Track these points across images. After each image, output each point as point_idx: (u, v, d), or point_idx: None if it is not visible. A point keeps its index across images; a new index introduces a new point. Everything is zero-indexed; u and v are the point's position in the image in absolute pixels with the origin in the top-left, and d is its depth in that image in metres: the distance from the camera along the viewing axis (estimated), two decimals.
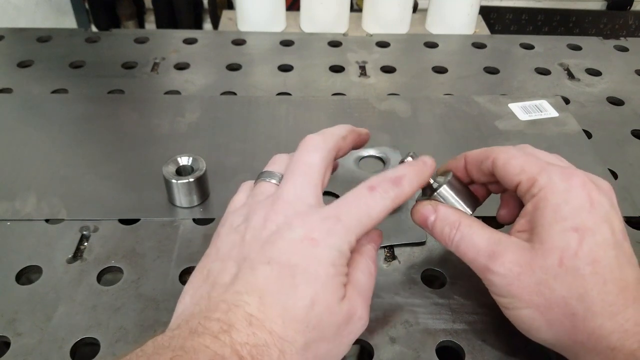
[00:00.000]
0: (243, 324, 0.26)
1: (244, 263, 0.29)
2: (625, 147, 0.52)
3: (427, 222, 0.34)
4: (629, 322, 0.28)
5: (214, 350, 0.25)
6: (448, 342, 0.35)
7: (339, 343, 0.29)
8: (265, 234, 0.30)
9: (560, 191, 0.30)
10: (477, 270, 0.32)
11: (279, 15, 0.75)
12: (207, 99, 0.57)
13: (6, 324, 0.35)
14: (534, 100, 0.58)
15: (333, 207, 0.30)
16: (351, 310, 0.29)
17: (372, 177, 0.31)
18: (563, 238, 0.29)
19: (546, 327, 0.30)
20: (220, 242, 0.31)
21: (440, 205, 0.34)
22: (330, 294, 0.28)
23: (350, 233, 0.30)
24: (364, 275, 0.31)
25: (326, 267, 0.28)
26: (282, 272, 0.28)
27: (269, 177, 0.34)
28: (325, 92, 0.59)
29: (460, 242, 0.32)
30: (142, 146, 0.51)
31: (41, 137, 0.51)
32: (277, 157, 0.36)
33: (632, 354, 0.27)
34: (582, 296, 0.28)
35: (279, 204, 0.31)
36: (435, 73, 0.64)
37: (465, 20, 0.75)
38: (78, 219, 0.43)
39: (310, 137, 0.34)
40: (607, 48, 0.70)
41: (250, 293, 0.28)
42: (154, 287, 0.38)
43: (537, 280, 0.29)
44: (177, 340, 0.26)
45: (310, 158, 0.32)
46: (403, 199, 0.32)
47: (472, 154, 0.36)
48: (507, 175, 0.32)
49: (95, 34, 0.69)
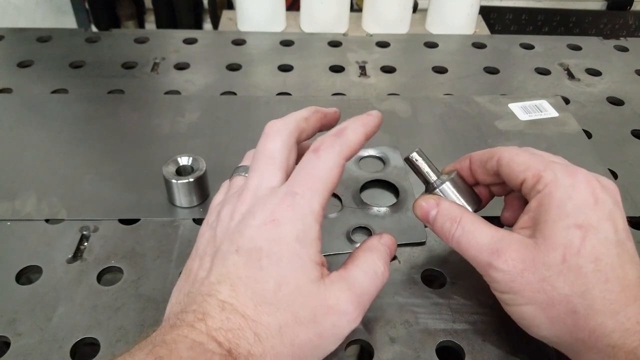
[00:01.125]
0: (216, 311, 0.27)
1: (216, 255, 0.30)
2: (625, 147, 0.52)
3: (429, 216, 0.34)
4: (630, 320, 0.28)
5: (191, 338, 0.26)
6: (448, 342, 0.35)
7: (319, 333, 0.28)
8: (232, 224, 0.31)
9: (565, 187, 0.30)
10: (478, 267, 0.32)
11: (279, 15, 0.75)
12: (207, 99, 0.57)
13: (6, 324, 0.35)
14: (534, 100, 0.58)
15: (287, 184, 0.30)
16: (331, 298, 0.29)
17: (317, 139, 0.32)
18: (566, 235, 0.29)
19: (547, 324, 0.30)
20: (198, 242, 0.33)
21: (443, 200, 0.34)
22: (299, 272, 0.28)
23: (310, 202, 0.30)
24: (364, 274, 0.31)
25: (290, 245, 0.29)
26: (249, 257, 0.29)
27: (242, 171, 0.36)
28: (325, 92, 0.59)
29: (461, 238, 0.32)
30: (142, 146, 0.51)
31: (41, 137, 0.51)
32: (249, 152, 0.37)
33: (633, 352, 0.27)
34: (584, 294, 0.28)
35: (244, 194, 0.32)
36: (435, 73, 0.64)
37: (465, 20, 0.75)
38: (78, 219, 0.43)
39: (271, 123, 0.34)
40: (607, 48, 0.70)
41: (222, 282, 0.28)
42: (154, 287, 0.38)
43: (540, 277, 0.29)
44: (158, 336, 0.27)
45: (270, 144, 0.33)
46: (350, 149, 0.31)
47: (476, 155, 0.36)
48: (512, 172, 0.32)
49: (95, 34, 0.69)
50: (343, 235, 0.42)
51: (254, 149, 0.36)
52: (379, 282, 0.31)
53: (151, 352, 0.25)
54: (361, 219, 0.43)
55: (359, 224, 0.42)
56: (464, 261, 0.40)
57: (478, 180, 0.36)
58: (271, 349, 0.27)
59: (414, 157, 0.35)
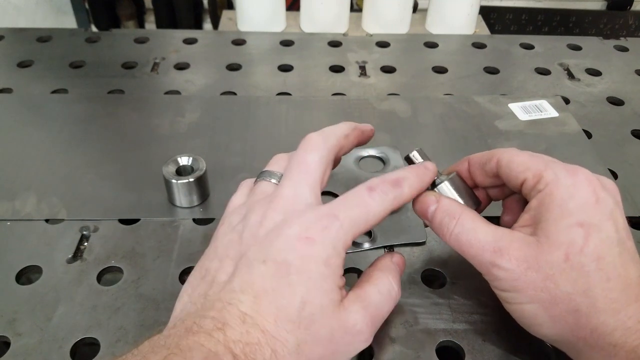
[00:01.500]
0: (237, 322, 0.27)
1: (241, 261, 0.29)
2: (625, 147, 0.52)
3: (428, 212, 0.33)
4: (631, 319, 0.28)
5: (208, 347, 0.25)
6: (448, 342, 0.35)
7: (333, 351, 0.29)
8: (262, 231, 0.30)
9: (566, 186, 0.30)
10: (480, 265, 0.31)
11: (279, 15, 0.75)
12: (207, 99, 0.57)
13: (6, 324, 0.35)
14: (534, 100, 0.58)
15: (331, 206, 0.30)
16: (349, 320, 0.29)
17: (373, 179, 0.31)
18: (569, 233, 0.29)
19: (549, 323, 0.30)
20: (218, 241, 0.32)
21: (444, 197, 0.34)
22: (323, 294, 0.28)
23: (346, 232, 0.29)
24: (379, 294, 0.31)
25: (319, 266, 0.28)
26: (278, 270, 0.28)
27: (269, 176, 0.34)
28: (325, 92, 0.59)
29: (460, 235, 0.32)
30: (142, 146, 0.51)
31: (41, 137, 0.51)
32: (278, 156, 0.36)
33: (634, 350, 0.27)
34: (586, 292, 0.28)
35: (276, 202, 0.31)
36: (435, 73, 0.64)
37: (465, 20, 0.75)
38: (78, 219, 0.43)
39: (311, 136, 0.33)
40: (607, 48, 0.70)
41: (245, 291, 0.28)
42: (154, 287, 0.38)
43: (544, 275, 0.29)
44: (172, 339, 0.26)
45: (309, 157, 0.32)
46: (402, 201, 0.31)
47: (475, 156, 0.36)
48: (512, 172, 0.32)
49: (95, 34, 0.69)
50: None
51: (283, 153, 0.36)
52: (392, 302, 0.31)
53: (166, 358, 0.25)
54: None
55: None
56: (464, 261, 0.40)
57: (477, 182, 0.36)
58: None
59: (415, 156, 0.35)
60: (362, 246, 0.41)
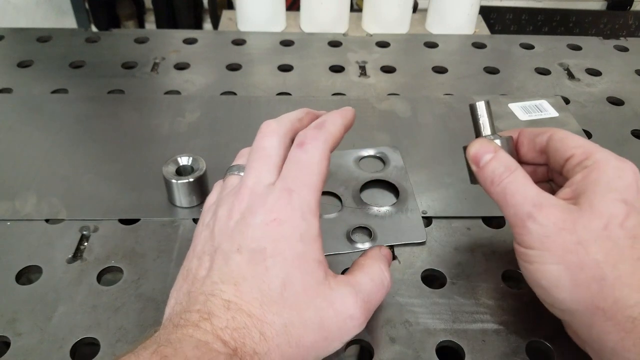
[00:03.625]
0: (221, 310, 0.27)
1: (216, 254, 0.30)
2: (625, 147, 0.52)
3: (482, 159, 0.33)
4: None
5: (197, 337, 0.26)
6: (448, 342, 0.35)
7: (325, 336, 0.29)
8: (231, 223, 0.31)
9: (615, 167, 0.31)
10: (515, 216, 0.31)
11: (279, 15, 0.75)
12: (207, 99, 0.57)
13: (6, 324, 0.35)
14: (534, 100, 0.58)
15: (281, 180, 0.31)
16: (338, 303, 0.29)
17: (298, 134, 0.32)
18: (614, 206, 0.29)
19: (571, 288, 0.29)
20: (195, 241, 0.33)
21: (502, 150, 0.34)
22: (303, 272, 0.29)
23: (306, 198, 0.30)
24: (371, 281, 0.31)
25: (294, 244, 0.29)
26: (253, 257, 0.29)
27: (236, 170, 0.35)
28: (325, 92, 0.59)
29: (510, 184, 0.32)
30: (142, 146, 0.51)
31: (41, 137, 0.51)
32: (242, 151, 0.37)
33: None
34: (615, 264, 0.28)
35: (241, 192, 0.32)
36: (435, 73, 0.64)
37: (465, 20, 0.75)
38: (78, 219, 0.43)
39: (266, 122, 0.34)
40: (607, 48, 0.70)
41: (225, 281, 0.28)
42: (154, 287, 0.38)
43: (577, 239, 0.29)
44: (162, 335, 0.27)
45: (266, 142, 0.33)
46: (334, 139, 0.32)
47: (528, 129, 0.36)
48: (563, 146, 0.33)
49: (95, 34, 0.69)
50: (343, 235, 0.42)
51: (246, 148, 0.37)
52: (384, 290, 0.32)
53: (156, 351, 0.25)
54: (361, 219, 0.43)
55: (359, 224, 0.42)
56: (464, 261, 0.40)
57: (520, 155, 0.36)
58: (276, 347, 0.27)
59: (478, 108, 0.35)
60: (362, 246, 0.41)
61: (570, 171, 0.32)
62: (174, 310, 0.30)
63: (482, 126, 0.35)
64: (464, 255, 0.40)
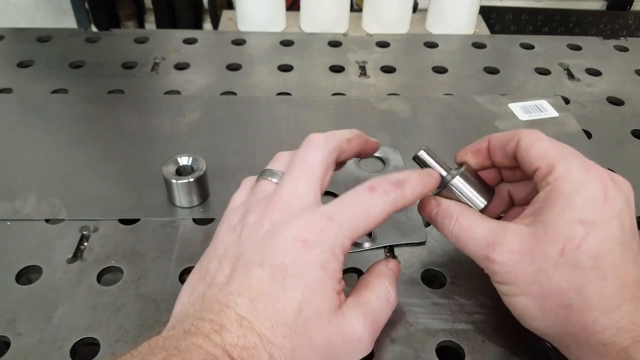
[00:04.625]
0: (234, 326, 0.27)
1: (238, 263, 0.29)
2: (625, 147, 0.52)
3: (431, 216, 0.34)
4: (624, 319, 0.27)
5: (206, 350, 0.26)
6: (448, 342, 0.35)
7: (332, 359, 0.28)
8: (260, 233, 0.29)
9: (575, 182, 0.30)
10: (478, 261, 0.32)
11: (279, 15, 0.75)
12: (207, 99, 0.57)
13: (6, 324, 0.35)
14: (534, 100, 0.58)
15: (329, 207, 0.30)
16: (347, 327, 0.29)
17: (375, 178, 0.31)
18: (569, 229, 0.29)
19: (540, 316, 0.30)
20: (217, 241, 0.32)
21: (444, 200, 0.34)
22: (320, 299, 0.28)
23: (345, 235, 0.29)
24: (377, 300, 0.31)
25: (316, 270, 0.28)
26: (274, 274, 0.28)
27: (270, 175, 0.34)
28: (325, 92, 0.59)
29: (459, 233, 0.32)
30: (142, 146, 0.51)
31: (41, 137, 0.51)
32: (280, 154, 0.35)
33: (624, 350, 0.27)
34: (579, 289, 0.28)
35: (275, 202, 0.30)
36: (435, 73, 0.64)
37: (465, 20, 0.75)
38: (78, 219, 0.43)
39: (314, 135, 0.33)
40: (607, 48, 0.70)
41: (242, 294, 0.28)
42: (154, 287, 0.38)
43: (537, 268, 0.29)
44: (171, 341, 0.26)
45: (311, 156, 0.32)
46: (403, 204, 0.31)
47: (496, 136, 0.35)
48: (529, 157, 0.32)
49: (95, 34, 0.69)
50: None
51: (285, 152, 0.35)
52: (390, 309, 0.32)
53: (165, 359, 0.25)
54: None
55: None
56: (463, 261, 0.40)
57: (495, 162, 0.36)
58: None
59: (422, 156, 0.35)
60: (362, 246, 0.41)
61: (538, 184, 0.32)
62: (185, 310, 0.29)
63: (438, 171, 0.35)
64: (464, 255, 0.40)
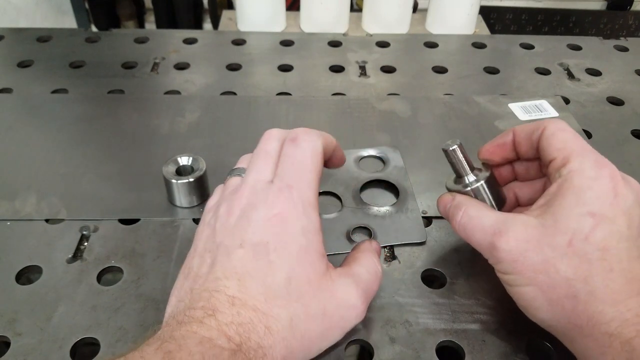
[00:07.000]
0: (226, 306, 0.27)
1: (218, 251, 0.30)
2: (625, 147, 0.52)
3: (446, 208, 0.35)
4: (630, 311, 0.28)
5: (201, 334, 0.26)
6: (448, 342, 0.35)
7: (328, 326, 0.30)
8: (232, 220, 0.31)
9: (588, 178, 0.30)
10: (483, 249, 0.32)
11: (279, 15, 0.75)
12: (207, 99, 0.57)
13: (6, 324, 0.35)
14: (534, 100, 0.58)
15: (278, 177, 0.31)
16: (339, 292, 0.30)
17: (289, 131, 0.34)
18: (578, 221, 0.29)
19: (546, 307, 0.30)
20: (196, 241, 0.33)
21: (458, 195, 0.35)
22: (307, 266, 0.29)
23: (306, 194, 0.31)
24: (367, 272, 0.32)
25: (297, 238, 0.30)
26: (256, 251, 0.29)
27: (237, 172, 0.36)
28: (325, 92, 0.59)
29: (467, 223, 0.33)
30: (142, 146, 0.51)
31: (41, 137, 0.51)
32: (244, 156, 0.38)
33: (629, 342, 0.27)
34: (586, 280, 0.28)
35: (241, 190, 0.32)
36: (435, 73, 0.64)
37: (465, 20, 0.75)
38: (78, 219, 0.43)
39: (268, 130, 0.35)
40: (607, 48, 0.70)
41: (229, 277, 0.29)
42: (154, 287, 0.38)
43: (544, 258, 0.29)
44: (165, 331, 0.27)
45: (268, 145, 0.34)
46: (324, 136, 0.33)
47: (523, 126, 0.36)
48: (549, 146, 0.33)
49: (95, 34, 0.69)
50: (343, 235, 0.42)
51: (248, 154, 0.37)
52: (378, 281, 0.33)
53: (160, 347, 0.25)
54: (361, 219, 0.43)
55: (359, 224, 0.42)
56: (464, 261, 0.40)
57: (520, 153, 0.36)
58: (282, 340, 0.28)
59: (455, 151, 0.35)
60: None
61: (551, 176, 0.32)
62: (177, 308, 0.30)
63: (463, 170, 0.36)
64: (464, 255, 0.40)
